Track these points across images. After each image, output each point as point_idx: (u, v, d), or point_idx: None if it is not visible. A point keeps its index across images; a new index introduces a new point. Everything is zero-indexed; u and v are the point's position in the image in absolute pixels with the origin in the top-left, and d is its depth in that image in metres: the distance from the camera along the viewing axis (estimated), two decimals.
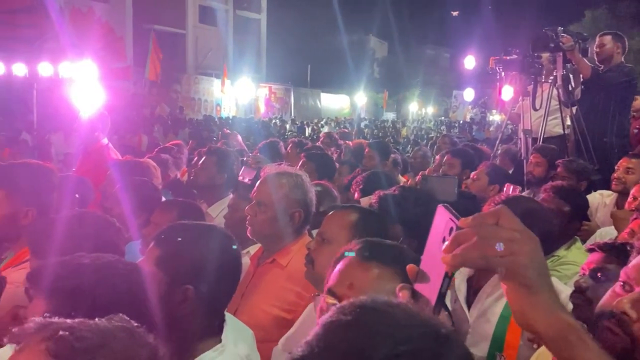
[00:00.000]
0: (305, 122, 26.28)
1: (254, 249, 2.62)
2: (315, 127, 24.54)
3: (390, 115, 40.21)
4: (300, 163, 3.91)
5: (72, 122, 8.33)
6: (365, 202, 2.69)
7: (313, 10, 36.64)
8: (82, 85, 8.37)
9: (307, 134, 21.33)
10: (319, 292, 1.42)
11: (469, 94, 24.13)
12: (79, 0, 19.82)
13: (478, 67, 10.83)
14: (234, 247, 1.61)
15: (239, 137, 6.95)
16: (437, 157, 5.07)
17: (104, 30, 19.17)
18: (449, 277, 0.84)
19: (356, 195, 3.06)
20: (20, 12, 17.28)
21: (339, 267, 1.32)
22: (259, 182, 2.34)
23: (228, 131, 9.28)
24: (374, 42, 45.43)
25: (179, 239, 1.52)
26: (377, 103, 40.27)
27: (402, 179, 4.80)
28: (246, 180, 2.85)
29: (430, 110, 44.27)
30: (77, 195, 2.91)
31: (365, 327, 0.73)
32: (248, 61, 27.36)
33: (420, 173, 3.32)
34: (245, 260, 2.58)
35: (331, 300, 1.24)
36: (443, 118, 39.32)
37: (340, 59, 35.71)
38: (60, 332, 0.92)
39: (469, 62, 10.25)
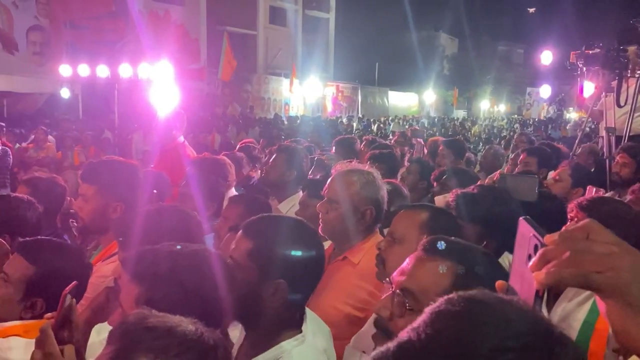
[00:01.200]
0: (372, 120, 26.17)
1: (325, 245, 2.64)
2: (381, 124, 24.38)
3: (460, 113, 39.28)
4: (366, 159, 3.89)
5: (150, 121, 8.73)
6: (440, 200, 2.64)
7: (382, 8, 36.42)
8: (159, 85, 8.73)
9: (373, 131, 21.19)
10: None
11: (545, 91, 23.12)
12: (156, 4, 20.71)
13: (555, 63, 10.36)
14: (320, 242, 1.64)
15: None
16: (512, 155, 4.89)
17: (179, 32, 19.94)
18: (540, 297, 0.79)
19: None
20: (104, 18, 18.35)
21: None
22: (329, 179, 2.34)
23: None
24: (443, 39, 44.55)
25: (271, 231, 1.56)
26: (447, 100, 39.47)
27: None
28: (317, 177, 2.86)
29: (502, 107, 42.91)
30: (155, 191, 3.03)
31: (474, 318, 0.73)
32: (316, 60, 27.59)
33: (498, 171, 3.20)
34: None
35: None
36: (516, 116, 37.98)
37: (408, 57, 35.28)
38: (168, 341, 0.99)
39: (546, 57, 9.84)
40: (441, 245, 1.32)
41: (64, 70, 13.50)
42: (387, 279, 1.42)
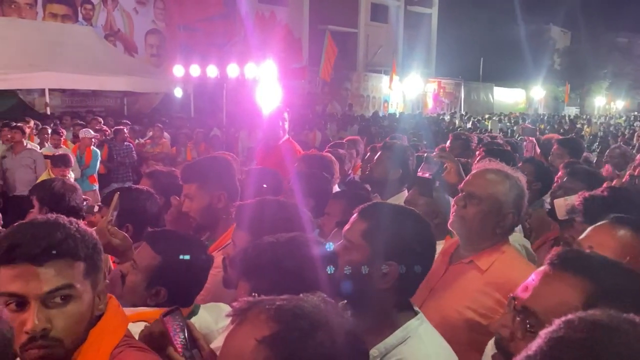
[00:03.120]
0: (467, 117, 25.32)
1: (441, 245, 2.55)
2: (477, 121, 23.45)
3: (572, 110, 36.85)
4: (478, 158, 3.73)
5: (255, 119, 9.05)
6: (560, 204, 2.46)
7: (487, 1, 35.01)
8: (264, 85, 9.02)
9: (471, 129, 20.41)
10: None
11: None
12: (262, 5, 21.44)
13: None
14: (432, 232, 1.64)
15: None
16: (638, 156, 4.46)
17: (284, 32, 20.47)
18: None
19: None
20: (214, 20, 19.34)
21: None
22: (472, 174, 2.22)
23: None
24: (554, 32, 42.01)
25: (386, 214, 1.59)
26: (557, 97, 37.23)
27: None
28: (426, 175, 2.74)
29: (620, 104, 39.73)
30: (264, 186, 3.10)
31: (601, 347, 0.64)
32: (417, 56, 27.15)
33: (627, 173, 2.91)
34: None
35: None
36: (636, 113, 34.94)
37: (515, 51, 33.70)
38: (277, 302, 0.99)
39: None
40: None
41: (177, 70, 14.29)
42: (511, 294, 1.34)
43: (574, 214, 2.17)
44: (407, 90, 25.55)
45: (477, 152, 4.08)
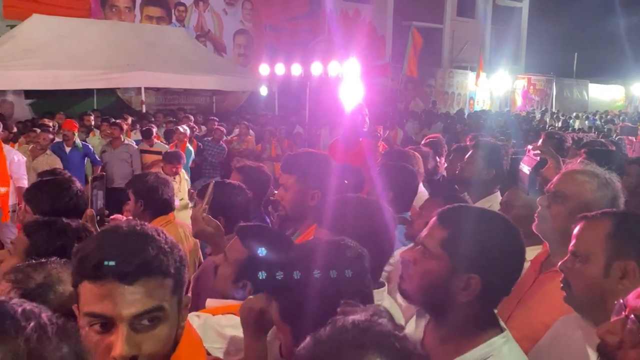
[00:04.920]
0: (554, 115, 23.97)
1: (529, 252, 2.42)
2: (567, 119, 22.12)
3: None
4: (579, 160, 3.49)
5: (336, 116, 9.07)
6: None
7: None
8: (347, 82, 9.01)
9: (556, 126, 19.29)
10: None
11: None
12: (347, 3, 21.47)
13: None
14: (522, 240, 1.49)
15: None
16: None
17: (367, 30, 20.42)
18: None
19: None
20: (300, 19, 19.66)
21: None
22: (560, 174, 2.10)
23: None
24: None
25: (469, 222, 1.47)
26: None
27: None
28: (525, 170, 2.58)
29: None
30: (345, 181, 3.08)
31: None
32: (506, 52, 26.08)
33: None
34: None
35: None
36: None
37: (614, 45, 31.47)
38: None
39: None
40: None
41: (263, 69, 14.60)
42: (621, 299, 1.23)
43: None
44: (494, 87, 24.64)
45: (579, 154, 3.83)
